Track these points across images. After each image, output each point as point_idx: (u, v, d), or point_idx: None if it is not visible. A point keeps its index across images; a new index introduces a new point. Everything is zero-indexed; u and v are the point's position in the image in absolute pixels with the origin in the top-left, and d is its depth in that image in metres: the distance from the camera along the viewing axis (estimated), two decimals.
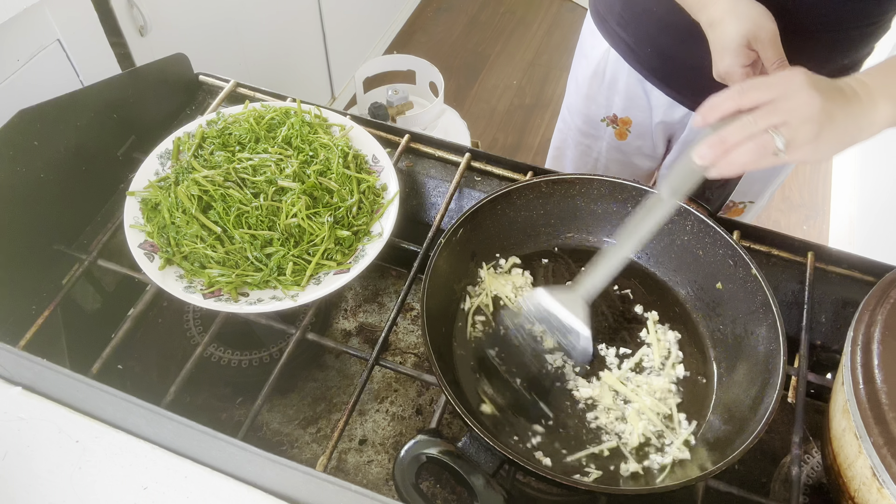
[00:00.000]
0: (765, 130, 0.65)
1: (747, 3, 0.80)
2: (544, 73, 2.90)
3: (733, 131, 0.66)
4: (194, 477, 0.55)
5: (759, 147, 0.65)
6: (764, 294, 0.75)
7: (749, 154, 0.66)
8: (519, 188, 0.85)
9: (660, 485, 0.68)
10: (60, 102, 0.88)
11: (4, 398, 0.59)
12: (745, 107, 0.66)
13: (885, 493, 0.60)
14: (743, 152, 0.66)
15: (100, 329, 0.97)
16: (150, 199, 0.85)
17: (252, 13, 1.88)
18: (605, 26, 1.13)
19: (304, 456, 0.90)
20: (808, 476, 0.83)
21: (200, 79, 1.09)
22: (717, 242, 0.81)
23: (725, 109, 0.68)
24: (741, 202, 1.27)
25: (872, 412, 0.61)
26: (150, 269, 0.79)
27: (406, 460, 0.65)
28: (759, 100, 0.66)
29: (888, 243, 2.09)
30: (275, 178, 0.84)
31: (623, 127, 1.22)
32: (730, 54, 0.80)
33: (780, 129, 0.65)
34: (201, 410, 0.94)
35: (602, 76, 1.17)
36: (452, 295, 0.83)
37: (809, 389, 0.81)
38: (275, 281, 0.79)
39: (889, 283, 0.70)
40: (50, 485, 0.55)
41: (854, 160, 2.61)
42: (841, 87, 0.67)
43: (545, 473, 0.65)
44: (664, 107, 1.13)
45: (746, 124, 0.66)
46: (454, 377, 0.77)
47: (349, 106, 2.59)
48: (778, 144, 0.65)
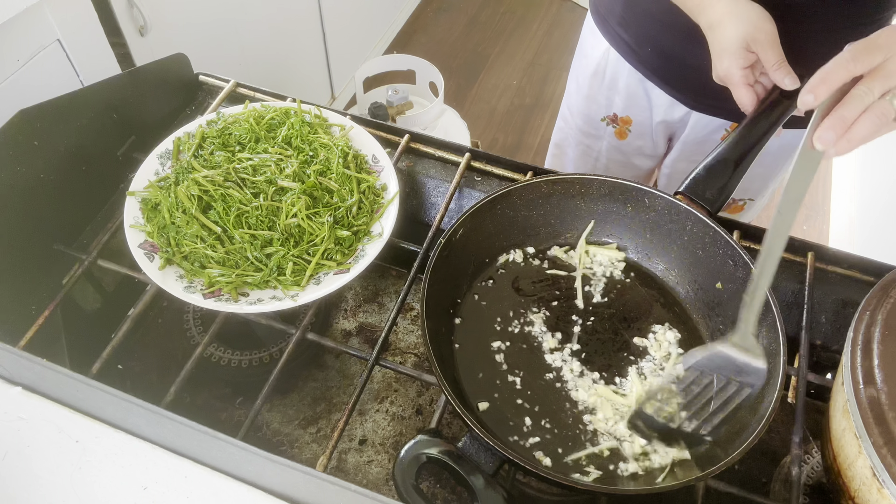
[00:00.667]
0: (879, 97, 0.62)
1: (746, 5, 0.80)
2: (544, 73, 2.90)
3: (850, 106, 0.62)
4: (194, 477, 0.55)
5: (879, 116, 0.62)
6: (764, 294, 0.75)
7: (868, 126, 0.62)
8: (519, 188, 0.85)
9: (660, 485, 0.68)
10: (60, 102, 0.88)
11: (4, 398, 0.59)
12: (859, 73, 0.63)
13: (885, 493, 0.60)
14: (862, 125, 0.62)
15: (100, 329, 0.97)
16: (150, 199, 0.85)
17: (252, 13, 1.88)
18: (605, 26, 1.13)
19: (304, 456, 0.90)
20: (808, 476, 0.83)
21: (200, 79, 1.09)
22: (717, 242, 0.81)
23: (837, 80, 0.64)
24: (741, 199, 1.27)
25: (872, 412, 0.61)
26: (150, 269, 0.79)
27: (406, 460, 0.65)
28: (870, 64, 0.62)
29: (888, 243, 2.09)
30: (275, 178, 0.84)
31: (623, 126, 1.22)
32: (729, 56, 0.80)
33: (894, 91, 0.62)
34: (201, 410, 0.94)
35: (602, 76, 1.17)
36: (452, 295, 0.83)
37: (809, 389, 0.81)
38: (275, 281, 0.79)
39: (889, 283, 0.70)
40: (50, 485, 0.55)
41: (854, 160, 2.61)
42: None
43: (545, 473, 0.65)
44: (665, 106, 1.13)
45: (861, 95, 0.62)
46: (454, 377, 0.77)
47: (349, 106, 2.59)
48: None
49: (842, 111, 0.63)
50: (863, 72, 0.63)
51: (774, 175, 1.23)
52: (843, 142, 0.63)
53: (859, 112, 0.62)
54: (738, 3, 0.80)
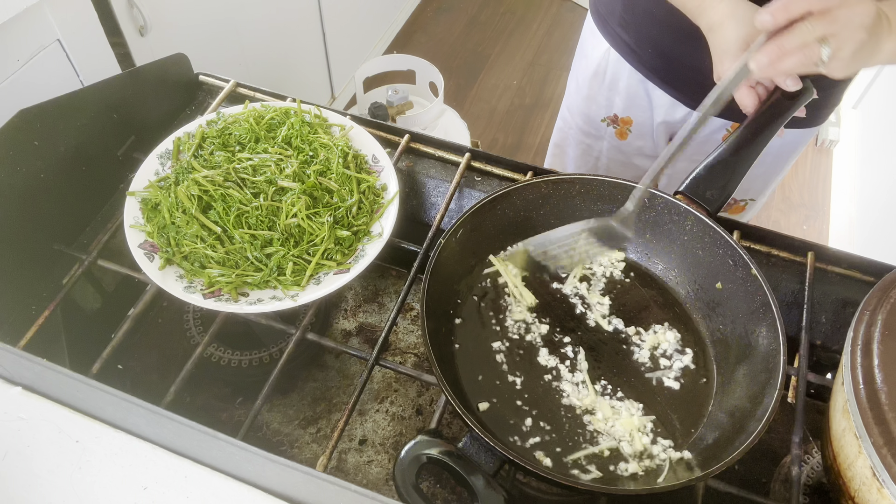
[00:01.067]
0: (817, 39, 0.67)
1: (746, 7, 0.80)
2: (544, 73, 2.90)
3: (790, 38, 0.68)
4: (194, 477, 0.55)
5: (807, 56, 0.68)
6: (764, 294, 0.75)
7: (795, 62, 0.69)
8: (519, 188, 0.85)
9: (660, 485, 0.68)
10: (60, 102, 0.88)
11: (4, 398, 0.59)
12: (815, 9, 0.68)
13: (885, 493, 0.60)
14: (790, 59, 0.69)
15: (100, 329, 0.97)
16: (150, 199, 0.85)
17: (252, 13, 1.88)
18: (605, 27, 1.13)
19: (304, 456, 0.90)
20: (808, 476, 0.83)
21: (200, 79, 1.09)
22: (716, 242, 0.81)
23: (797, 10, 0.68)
24: (742, 200, 1.27)
25: (872, 412, 0.61)
26: (150, 269, 0.79)
27: (406, 461, 0.65)
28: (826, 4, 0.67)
29: (888, 243, 2.09)
30: (275, 178, 0.84)
31: (624, 127, 1.22)
32: (731, 58, 0.80)
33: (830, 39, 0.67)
34: (201, 410, 0.94)
35: (603, 76, 1.17)
36: (452, 295, 0.83)
37: (809, 389, 0.81)
38: (275, 281, 0.79)
39: (889, 283, 0.70)
40: (50, 485, 0.54)
41: (854, 160, 2.61)
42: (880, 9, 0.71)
43: (545, 473, 0.65)
44: (666, 106, 1.13)
45: (803, 31, 0.68)
46: (454, 377, 0.77)
47: (349, 106, 2.59)
48: (822, 56, 0.68)
49: (781, 41, 0.69)
50: (819, 9, 0.68)
51: (775, 175, 1.23)
52: (770, 68, 0.70)
53: (796, 45, 0.68)
54: (738, 4, 0.80)
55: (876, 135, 2.49)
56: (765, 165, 1.16)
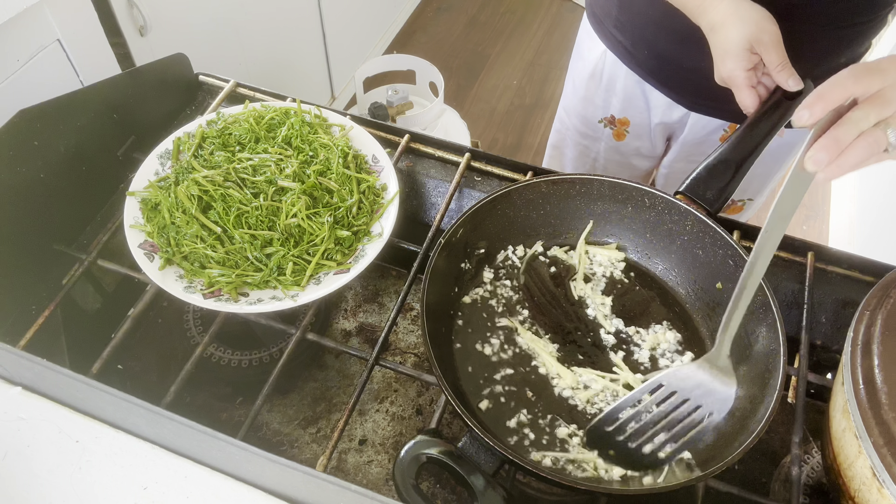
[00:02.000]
0: (875, 124, 0.60)
1: (748, 7, 0.80)
2: (544, 73, 2.90)
3: (845, 130, 0.60)
4: (194, 477, 0.55)
5: (871, 144, 0.60)
6: (764, 294, 0.75)
7: (860, 153, 0.60)
8: (519, 188, 0.85)
9: (660, 485, 0.68)
10: (60, 102, 0.88)
11: (4, 398, 0.59)
12: (857, 95, 0.61)
13: (885, 493, 0.60)
14: (855, 151, 0.60)
15: (100, 329, 0.97)
16: (150, 199, 0.85)
17: (252, 13, 1.88)
18: (601, 28, 1.13)
19: (304, 456, 0.90)
20: (808, 476, 0.83)
21: (200, 79, 1.09)
22: (717, 242, 0.81)
23: (835, 99, 0.61)
24: (740, 200, 1.27)
25: (872, 412, 0.61)
26: (150, 269, 0.79)
27: (406, 460, 0.65)
28: (870, 88, 0.60)
29: (888, 243, 2.09)
30: (275, 178, 0.84)
31: (621, 128, 1.22)
32: (732, 58, 0.80)
33: (890, 120, 0.60)
34: (201, 410, 0.94)
35: (599, 78, 1.17)
36: (452, 295, 0.83)
37: (809, 389, 0.81)
38: (275, 281, 0.79)
39: (889, 283, 0.70)
40: (50, 485, 0.54)
41: None
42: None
43: (545, 473, 0.65)
44: (663, 107, 1.13)
45: (858, 119, 0.60)
46: (454, 377, 0.77)
47: (349, 106, 2.59)
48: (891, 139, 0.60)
49: (836, 133, 0.61)
50: (861, 94, 0.61)
51: (774, 175, 1.23)
52: (834, 166, 0.61)
53: (853, 136, 0.60)
54: (740, 4, 0.80)
55: None
56: (763, 165, 1.16)
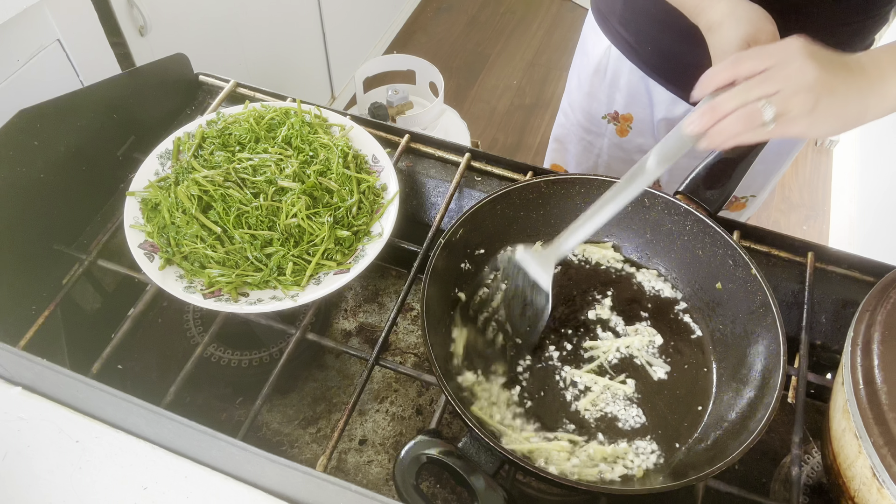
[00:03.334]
0: (757, 100, 0.63)
1: (746, 6, 0.80)
2: (544, 73, 2.90)
3: (725, 99, 0.64)
4: (194, 477, 0.55)
5: (748, 116, 0.63)
6: (764, 294, 0.75)
7: (737, 124, 0.64)
8: (519, 188, 0.85)
9: (660, 485, 0.68)
10: (60, 102, 0.88)
11: (4, 398, 0.59)
12: (741, 76, 0.65)
13: (885, 493, 0.60)
14: (731, 122, 0.64)
15: (100, 329, 0.97)
16: (150, 199, 0.85)
17: (252, 13, 1.88)
18: (606, 24, 1.13)
19: (304, 456, 0.90)
20: (808, 476, 0.83)
21: (200, 79, 1.09)
22: (716, 242, 0.81)
23: (721, 80, 0.66)
24: (743, 196, 1.27)
25: (872, 412, 0.61)
26: (150, 269, 0.79)
27: (406, 461, 0.65)
28: (754, 69, 0.64)
29: (888, 243, 2.09)
30: (275, 178, 0.84)
31: (624, 124, 1.22)
32: None
33: (773, 99, 0.62)
34: (201, 410, 0.94)
35: (604, 73, 1.17)
36: (452, 295, 0.83)
37: (809, 389, 0.81)
38: (275, 281, 0.79)
39: (889, 283, 0.70)
40: (50, 485, 0.55)
41: (854, 160, 2.61)
42: (845, 61, 0.65)
43: (545, 474, 0.65)
44: (666, 103, 1.13)
45: (738, 93, 0.64)
46: (454, 377, 0.77)
47: (349, 106, 2.59)
48: (766, 115, 0.63)
49: (715, 101, 0.65)
50: (745, 75, 0.64)
51: (776, 171, 1.23)
52: (714, 133, 0.65)
53: (732, 107, 0.64)
54: (737, 3, 0.80)
55: (876, 135, 2.49)
56: (765, 162, 1.16)
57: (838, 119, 0.65)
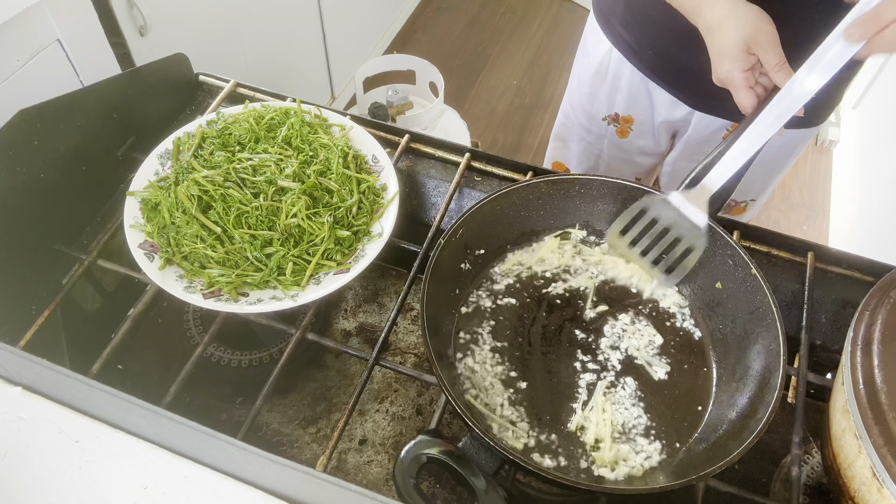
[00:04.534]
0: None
1: (745, 7, 0.79)
2: (544, 73, 2.90)
3: (889, 5, 0.63)
4: (194, 477, 0.55)
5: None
6: (764, 294, 0.75)
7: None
8: (519, 188, 0.85)
9: (660, 485, 0.68)
10: (60, 102, 0.88)
11: (4, 398, 0.59)
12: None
13: (885, 493, 0.60)
14: (891, 33, 0.63)
15: (100, 329, 0.97)
16: (150, 199, 0.85)
17: (252, 13, 1.88)
18: (607, 26, 1.13)
19: (304, 456, 0.90)
20: (808, 476, 0.83)
21: (200, 79, 1.09)
22: (716, 242, 0.81)
23: (888, 19, 0.64)
24: (742, 201, 1.27)
25: (872, 412, 0.61)
26: (150, 269, 0.79)
27: (406, 461, 0.65)
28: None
29: (888, 243, 2.09)
30: (275, 178, 0.84)
31: (625, 125, 1.22)
32: (729, 59, 0.80)
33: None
34: (201, 410, 0.94)
35: (605, 75, 1.18)
36: (452, 295, 0.83)
37: (809, 389, 0.81)
38: (275, 281, 0.79)
39: (889, 283, 0.70)
40: (50, 485, 0.54)
41: (854, 160, 2.61)
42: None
43: (545, 473, 0.65)
44: (667, 105, 1.13)
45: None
46: (454, 377, 0.77)
47: (349, 106, 2.59)
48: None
49: (879, 8, 0.64)
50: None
51: (775, 175, 1.23)
52: (878, 41, 0.64)
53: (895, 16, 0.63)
54: (736, 4, 0.80)
55: (876, 135, 2.49)
56: (765, 165, 1.16)
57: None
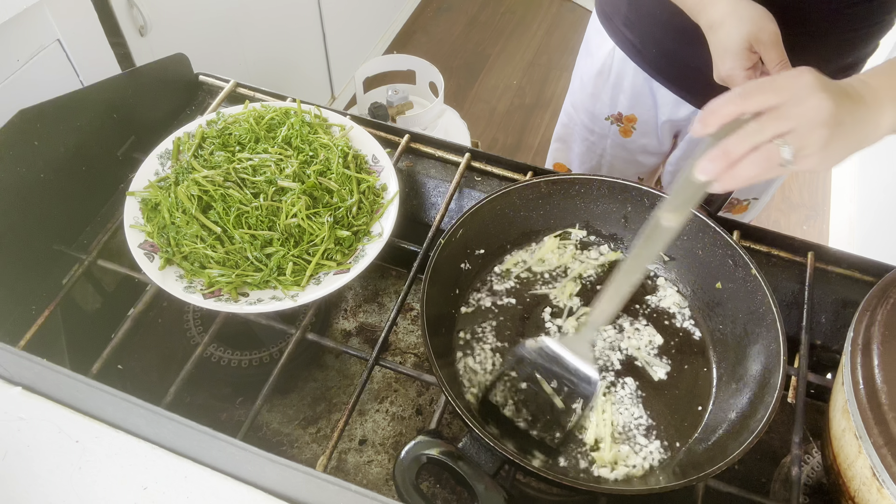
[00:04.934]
0: (770, 139, 0.59)
1: (748, 5, 0.79)
2: (544, 73, 2.90)
3: (737, 142, 0.59)
4: (194, 477, 0.55)
5: (765, 159, 0.59)
6: (764, 294, 0.75)
7: (754, 167, 0.59)
8: (519, 188, 0.85)
9: (660, 485, 0.68)
10: (60, 102, 0.88)
11: (4, 398, 0.59)
12: (750, 111, 0.60)
13: (885, 493, 0.60)
14: (748, 165, 0.59)
15: (100, 329, 0.97)
16: (150, 199, 0.85)
17: (252, 13, 1.88)
18: (610, 26, 1.13)
19: (304, 456, 0.90)
20: (808, 476, 0.83)
21: (200, 79, 1.09)
22: (716, 242, 0.81)
23: (727, 115, 0.61)
24: (745, 199, 1.27)
25: (872, 412, 0.61)
26: (150, 269, 0.79)
27: (406, 461, 0.65)
28: (764, 104, 0.59)
29: (888, 243, 2.09)
30: (275, 178, 0.84)
31: (628, 125, 1.22)
32: (731, 57, 0.80)
33: (787, 137, 0.58)
34: (201, 410, 0.94)
35: (608, 75, 1.18)
36: (452, 295, 0.83)
37: (809, 389, 0.81)
38: (275, 281, 0.79)
39: (889, 283, 0.70)
40: (50, 485, 0.54)
41: (854, 160, 2.60)
42: (846, 90, 0.61)
43: (545, 474, 0.65)
44: (670, 105, 1.14)
45: (751, 133, 0.59)
46: (454, 377, 0.77)
47: (349, 106, 2.59)
48: (785, 155, 0.58)
49: (727, 144, 0.60)
50: (755, 110, 0.60)
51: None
52: (728, 178, 0.60)
53: (746, 149, 0.59)
54: (739, 2, 0.80)
55: None
56: (767, 178, 1.16)
57: (843, 151, 0.61)
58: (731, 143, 0.60)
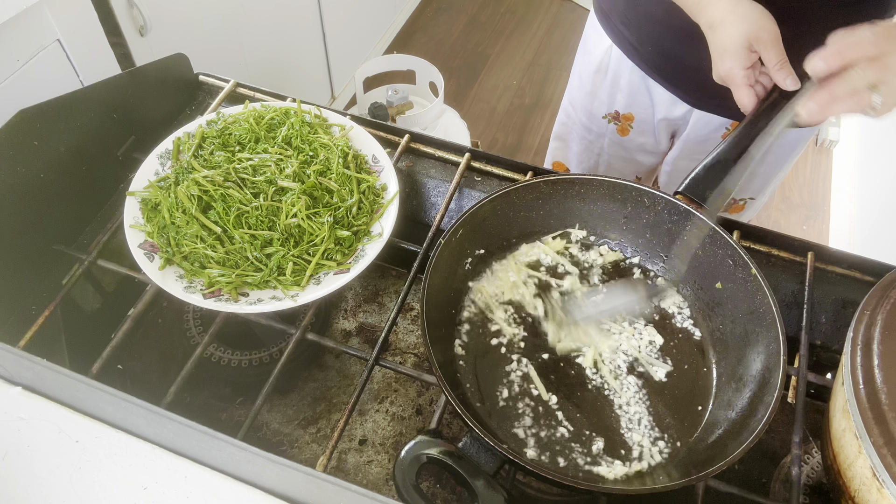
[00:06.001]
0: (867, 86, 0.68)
1: (747, 4, 0.80)
2: (544, 73, 2.90)
3: (842, 86, 0.69)
4: (194, 477, 0.55)
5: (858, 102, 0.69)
6: (764, 294, 0.75)
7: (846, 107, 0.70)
8: (519, 188, 0.85)
9: (660, 485, 0.68)
10: (60, 102, 0.88)
11: (4, 398, 0.59)
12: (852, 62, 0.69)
13: (885, 493, 0.60)
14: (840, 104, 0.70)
15: (100, 329, 0.97)
16: (150, 199, 0.85)
17: (252, 13, 1.88)
18: (608, 24, 1.13)
19: (304, 456, 0.90)
20: (808, 476, 0.83)
21: (200, 79, 1.09)
22: (716, 242, 0.81)
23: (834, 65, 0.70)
24: (741, 199, 1.27)
25: (872, 412, 0.61)
26: (150, 269, 0.79)
27: (406, 461, 0.65)
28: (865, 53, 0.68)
29: (888, 243, 2.09)
30: (275, 178, 0.84)
31: (625, 123, 1.22)
32: (731, 56, 0.80)
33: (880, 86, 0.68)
34: (201, 410, 0.94)
35: (605, 73, 1.18)
36: (452, 295, 0.83)
37: (809, 389, 0.81)
38: (275, 281, 0.79)
39: (889, 283, 0.70)
40: (50, 485, 0.55)
41: (854, 160, 2.61)
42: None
43: (546, 473, 0.65)
44: (666, 103, 1.14)
45: (855, 78, 0.69)
46: (454, 377, 0.77)
47: (349, 106, 2.59)
48: (874, 102, 0.68)
49: (833, 88, 0.70)
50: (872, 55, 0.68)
51: (775, 174, 1.23)
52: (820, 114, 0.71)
53: (846, 92, 0.69)
54: (739, 2, 0.80)
55: (876, 135, 2.49)
56: (764, 164, 1.16)
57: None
58: (837, 86, 0.70)
